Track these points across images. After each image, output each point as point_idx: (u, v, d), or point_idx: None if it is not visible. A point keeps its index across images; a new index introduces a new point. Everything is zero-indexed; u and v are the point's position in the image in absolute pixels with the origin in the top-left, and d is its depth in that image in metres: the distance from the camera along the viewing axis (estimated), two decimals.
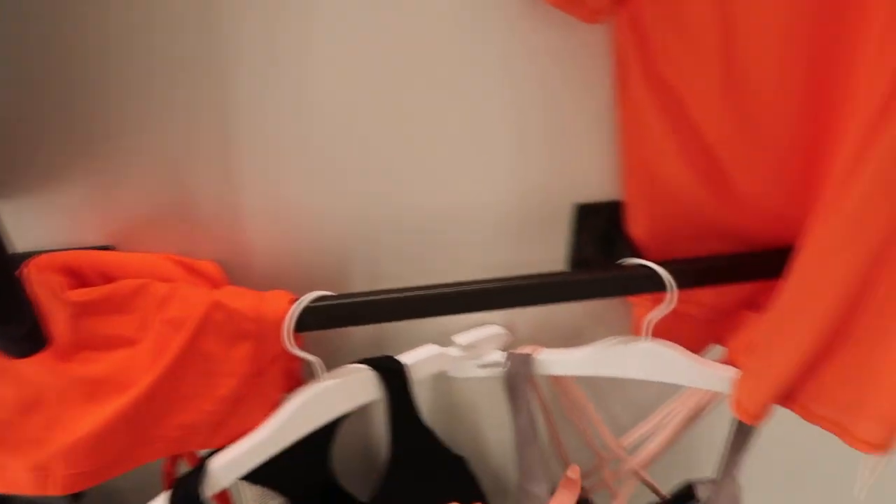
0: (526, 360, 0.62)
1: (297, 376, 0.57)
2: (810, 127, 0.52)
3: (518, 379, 0.63)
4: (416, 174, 0.56)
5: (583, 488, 0.75)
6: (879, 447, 0.50)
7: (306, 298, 0.51)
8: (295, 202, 0.55)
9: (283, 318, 0.50)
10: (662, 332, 0.63)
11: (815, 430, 0.54)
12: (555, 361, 0.63)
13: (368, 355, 0.59)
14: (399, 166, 0.56)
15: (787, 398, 0.55)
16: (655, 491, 0.73)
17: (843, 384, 0.51)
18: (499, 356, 0.64)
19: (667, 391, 0.70)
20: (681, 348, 0.60)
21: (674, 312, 0.64)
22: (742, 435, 0.62)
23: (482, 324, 0.66)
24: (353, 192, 0.56)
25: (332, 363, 0.58)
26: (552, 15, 0.50)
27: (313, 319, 0.51)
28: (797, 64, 0.49)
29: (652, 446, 0.69)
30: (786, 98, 0.51)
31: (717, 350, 0.66)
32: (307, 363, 0.55)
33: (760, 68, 0.49)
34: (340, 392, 0.57)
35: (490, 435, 0.74)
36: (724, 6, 0.47)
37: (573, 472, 0.63)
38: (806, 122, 0.51)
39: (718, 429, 0.65)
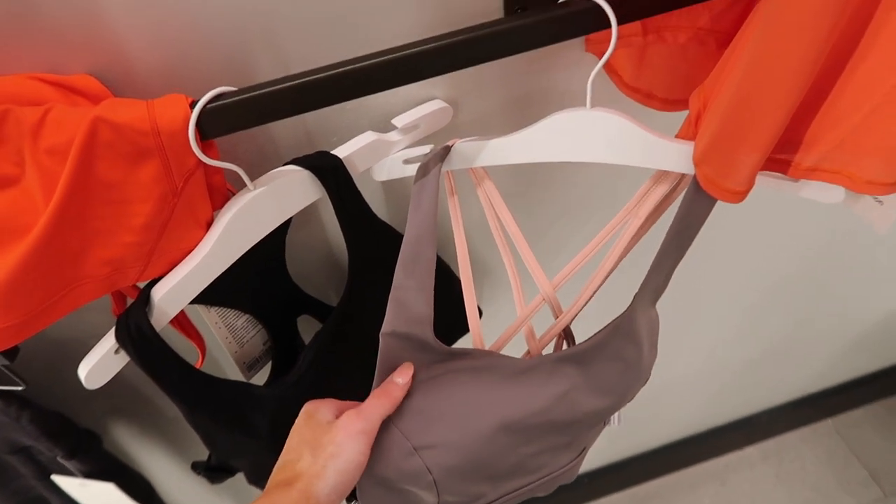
0: (440, 153, 0.53)
1: (224, 191, 0.52)
2: None
3: (425, 171, 0.52)
4: None
5: None
6: (890, 186, 0.44)
7: (205, 98, 0.44)
8: None
9: (183, 125, 0.44)
10: (657, 80, 0.55)
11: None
12: (471, 150, 0.54)
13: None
14: None
15: (772, 159, 0.47)
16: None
17: (836, 124, 0.44)
18: (426, 149, 0.58)
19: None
20: (630, 118, 0.49)
21: (664, 47, 0.53)
22: (684, 236, 0.53)
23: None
24: None
25: (263, 172, 0.53)
26: None
27: (219, 122, 0.45)
28: None
29: (595, 280, 0.57)
30: None
31: None
32: (232, 175, 0.50)
33: None
34: (273, 198, 0.52)
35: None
36: None
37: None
38: None
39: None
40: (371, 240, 0.60)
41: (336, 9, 0.51)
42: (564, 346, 0.62)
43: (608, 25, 0.47)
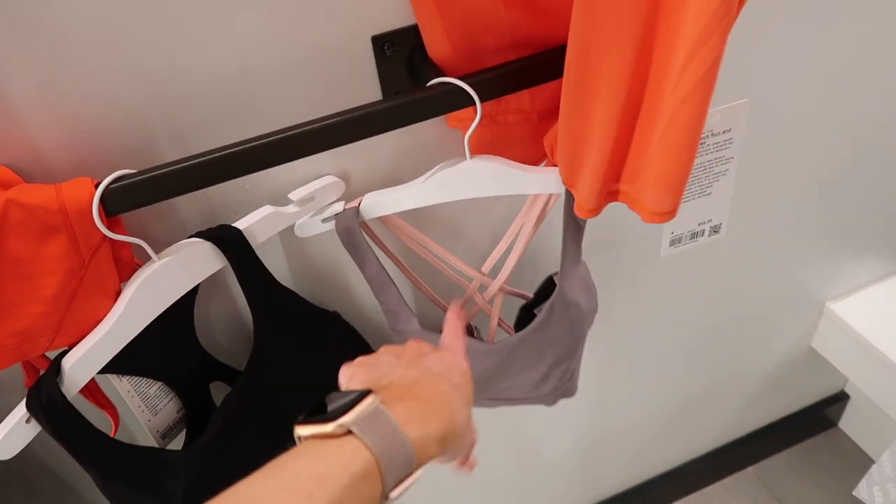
0: (352, 212, 0.64)
1: (132, 264, 0.57)
2: None
3: (350, 233, 0.65)
4: (194, 33, 0.53)
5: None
6: (665, 215, 0.54)
7: (107, 179, 0.50)
8: (69, 86, 0.52)
9: (88, 203, 0.49)
10: (498, 151, 0.65)
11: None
12: (379, 203, 0.65)
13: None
14: (172, 27, 0.52)
15: (613, 191, 0.58)
16: (522, 296, 0.79)
17: (644, 161, 0.53)
18: (339, 207, 0.65)
19: (514, 204, 0.73)
20: (503, 159, 0.62)
21: (499, 127, 0.65)
22: (575, 226, 0.66)
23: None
24: (130, 63, 0.53)
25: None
26: None
27: (121, 199, 0.50)
28: None
29: (510, 262, 0.73)
30: None
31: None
32: (142, 251, 0.55)
33: None
34: (178, 269, 0.57)
35: (361, 286, 0.77)
36: None
37: (455, 305, 0.64)
38: None
39: (557, 229, 0.69)
40: (273, 305, 0.65)
41: (234, 98, 0.58)
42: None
43: (469, 104, 0.56)
